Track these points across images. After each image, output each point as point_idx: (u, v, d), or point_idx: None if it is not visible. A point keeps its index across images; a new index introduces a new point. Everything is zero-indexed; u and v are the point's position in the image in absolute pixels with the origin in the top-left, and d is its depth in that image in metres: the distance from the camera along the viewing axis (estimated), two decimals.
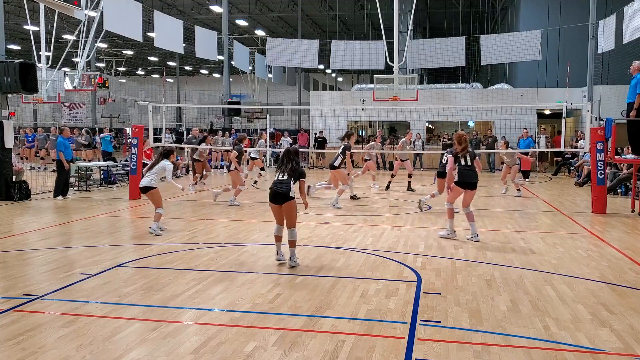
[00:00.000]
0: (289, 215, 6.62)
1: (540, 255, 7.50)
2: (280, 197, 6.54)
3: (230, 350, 4.17)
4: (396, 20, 16.79)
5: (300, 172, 6.69)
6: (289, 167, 6.66)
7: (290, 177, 6.60)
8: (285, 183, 6.56)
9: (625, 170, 14.45)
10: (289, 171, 6.63)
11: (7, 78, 12.41)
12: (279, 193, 6.54)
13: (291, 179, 6.59)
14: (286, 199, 6.52)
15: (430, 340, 4.40)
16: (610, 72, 24.79)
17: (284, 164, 6.74)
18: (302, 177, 6.72)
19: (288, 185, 6.54)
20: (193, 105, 40.26)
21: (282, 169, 6.71)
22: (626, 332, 4.61)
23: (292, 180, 6.59)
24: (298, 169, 6.69)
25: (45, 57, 20.77)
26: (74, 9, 12.97)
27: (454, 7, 33.19)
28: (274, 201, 6.62)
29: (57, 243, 8.15)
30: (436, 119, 27.37)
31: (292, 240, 6.61)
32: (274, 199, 6.60)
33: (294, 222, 6.64)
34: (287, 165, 6.69)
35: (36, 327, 4.60)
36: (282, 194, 6.52)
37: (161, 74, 56.07)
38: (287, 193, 6.51)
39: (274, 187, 6.61)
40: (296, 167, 6.67)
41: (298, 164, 6.73)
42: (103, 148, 20.89)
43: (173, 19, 23.84)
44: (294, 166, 6.66)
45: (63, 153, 12.88)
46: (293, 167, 6.65)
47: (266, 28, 41.32)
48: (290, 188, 6.53)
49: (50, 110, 34.94)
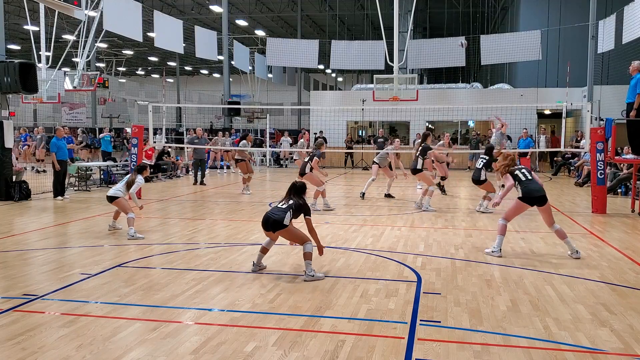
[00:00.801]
0: (293, 239, 6.31)
1: (540, 255, 7.50)
2: (270, 224, 6.12)
3: (230, 350, 4.17)
4: (396, 20, 16.80)
5: (306, 210, 6.27)
6: (292, 202, 6.27)
7: (290, 209, 6.17)
8: (281, 211, 6.15)
9: (625, 170, 14.46)
10: (290, 205, 6.23)
11: (7, 78, 12.41)
12: (269, 218, 6.14)
13: (290, 210, 6.16)
14: (277, 227, 6.09)
15: (430, 340, 4.40)
16: (610, 72, 24.80)
17: (287, 197, 6.37)
18: (308, 215, 6.25)
19: (283, 214, 6.10)
20: (193, 105, 40.32)
21: (285, 200, 6.36)
22: (626, 332, 4.61)
23: (290, 212, 6.15)
24: (304, 205, 6.28)
25: (45, 57, 20.76)
26: (74, 9, 12.97)
27: (454, 7, 33.21)
28: (264, 227, 6.22)
29: (57, 243, 8.15)
30: (436, 119, 27.39)
31: (305, 252, 6.13)
32: (265, 225, 6.19)
33: (303, 239, 6.18)
34: (290, 199, 6.31)
35: (36, 327, 4.60)
36: (273, 221, 6.09)
37: (161, 74, 56.09)
38: (280, 221, 6.07)
39: (268, 213, 6.26)
40: (300, 204, 6.26)
41: (303, 201, 6.33)
42: (103, 148, 20.89)
43: (173, 19, 23.84)
44: (297, 202, 6.27)
45: (56, 154, 12.86)
46: (296, 202, 6.26)
47: (266, 28, 41.33)
48: (284, 217, 6.08)
49: (50, 110, 34.95)
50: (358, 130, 30.81)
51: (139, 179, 8.86)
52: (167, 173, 19.01)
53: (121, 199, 8.70)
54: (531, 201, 7.26)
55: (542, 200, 7.22)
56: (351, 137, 27.26)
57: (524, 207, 7.36)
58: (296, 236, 6.26)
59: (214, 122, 42.38)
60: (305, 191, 6.46)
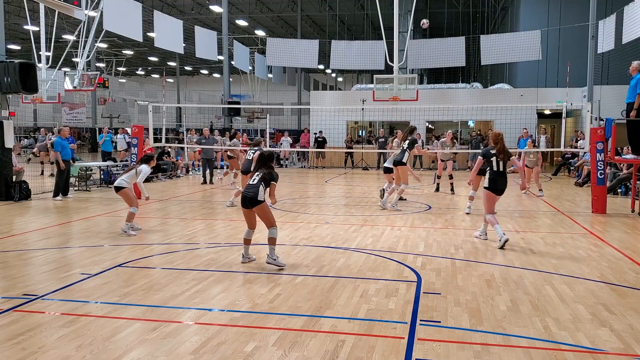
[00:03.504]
0: (263, 218, 6.61)
1: (540, 255, 7.50)
2: (248, 201, 6.52)
3: (230, 350, 4.17)
4: (396, 20, 16.79)
5: (272, 177, 6.63)
6: (261, 173, 6.65)
7: (261, 182, 6.56)
8: (254, 187, 6.53)
9: (625, 170, 14.45)
10: (260, 177, 6.61)
11: (7, 78, 12.41)
12: (246, 197, 6.53)
13: (261, 183, 6.56)
14: (254, 203, 6.50)
15: (430, 340, 4.40)
16: (610, 72, 24.80)
17: (256, 168, 6.77)
18: (273, 181, 6.66)
19: (257, 190, 6.50)
20: (193, 105, 40.31)
21: (253, 173, 6.74)
22: (626, 332, 4.61)
23: (262, 185, 6.55)
24: (270, 173, 6.63)
25: (45, 57, 20.75)
26: (74, 9, 12.96)
27: (454, 7, 33.19)
28: (243, 205, 6.63)
29: (57, 243, 8.15)
30: (436, 119, 27.39)
31: (270, 237, 6.56)
32: (243, 203, 6.60)
33: (271, 222, 6.61)
34: (259, 171, 6.69)
35: (36, 327, 4.60)
36: (249, 198, 6.49)
37: (161, 74, 56.07)
38: (255, 197, 6.47)
39: (243, 192, 6.63)
40: (267, 173, 6.62)
41: (271, 169, 6.71)
42: (103, 148, 20.89)
43: (173, 19, 23.83)
44: (265, 172, 6.63)
45: (60, 153, 12.88)
46: (265, 172, 6.62)
47: (266, 28, 41.32)
48: (258, 192, 6.48)
49: (50, 110, 34.94)
50: (358, 131, 30.82)
51: (145, 168, 8.85)
52: (167, 173, 19.02)
53: (127, 190, 8.73)
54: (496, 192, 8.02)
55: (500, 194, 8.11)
56: (351, 137, 27.28)
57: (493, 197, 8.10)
58: (266, 217, 6.61)
59: (214, 122, 42.38)
60: (272, 159, 6.92)
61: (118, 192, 8.80)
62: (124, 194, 8.74)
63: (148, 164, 9.00)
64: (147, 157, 9.21)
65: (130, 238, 8.39)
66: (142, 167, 8.87)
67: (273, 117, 34.44)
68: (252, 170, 6.87)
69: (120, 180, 8.84)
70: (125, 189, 8.72)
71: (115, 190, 8.84)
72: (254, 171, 6.82)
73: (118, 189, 8.77)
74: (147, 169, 8.93)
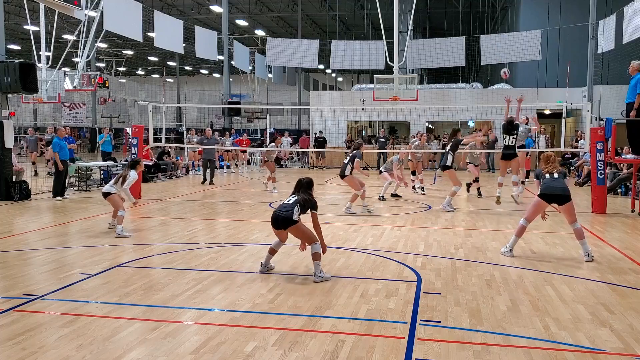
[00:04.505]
0: (301, 237, 6.27)
1: (540, 255, 7.50)
2: (280, 221, 6.15)
3: (230, 350, 4.17)
4: (396, 20, 16.79)
5: (311, 204, 6.27)
6: (298, 196, 6.31)
7: (296, 204, 6.19)
8: (289, 207, 6.16)
9: (625, 170, 14.45)
10: (296, 199, 6.26)
11: (7, 78, 12.41)
12: (278, 216, 6.17)
13: (297, 204, 6.18)
14: (287, 224, 6.12)
15: (430, 340, 4.40)
16: (610, 72, 24.79)
17: (294, 193, 6.42)
18: (314, 209, 6.28)
19: (291, 210, 6.12)
20: (193, 105, 40.29)
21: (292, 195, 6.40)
22: (626, 332, 4.61)
23: (297, 206, 6.17)
24: (310, 200, 6.29)
25: (45, 57, 20.75)
26: (74, 9, 12.96)
27: (454, 7, 33.19)
28: (274, 225, 6.25)
29: (57, 243, 8.15)
30: (436, 119, 27.39)
31: (314, 253, 6.13)
32: (275, 223, 6.22)
33: (312, 238, 6.20)
34: (297, 195, 6.35)
35: (36, 327, 4.60)
36: (282, 218, 6.12)
37: (161, 74, 56.13)
38: (289, 217, 6.09)
39: (275, 211, 6.30)
40: (305, 199, 6.27)
41: (310, 196, 6.37)
42: (102, 148, 20.86)
43: (173, 19, 23.83)
44: (303, 197, 6.29)
45: (58, 154, 12.87)
46: (301, 197, 6.28)
47: (266, 28, 41.32)
48: (292, 212, 6.10)
49: (50, 110, 34.94)
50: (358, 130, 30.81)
51: (132, 174, 8.86)
52: (167, 173, 19.02)
53: (114, 195, 8.79)
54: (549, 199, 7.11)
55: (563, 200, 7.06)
56: (351, 137, 27.27)
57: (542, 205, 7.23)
58: (304, 234, 6.22)
59: (214, 122, 42.39)
60: (312, 187, 6.48)
61: (106, 198, 8.85)
62: (111, 200, 8.78)
63: (135, 169, 9.00)
64: (134, 162, 9.23)
65: (130, 238, 8.39)
66: (131, 173, 8.86)
67: (273, 117, 34.44)
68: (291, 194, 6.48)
69: (109, 186, 8.90)
70: (112, 195, 8.77)
71: (104, 196, 8.89)
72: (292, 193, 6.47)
73: (106, 194, 8.83)
74: (135, 175, 8.92)
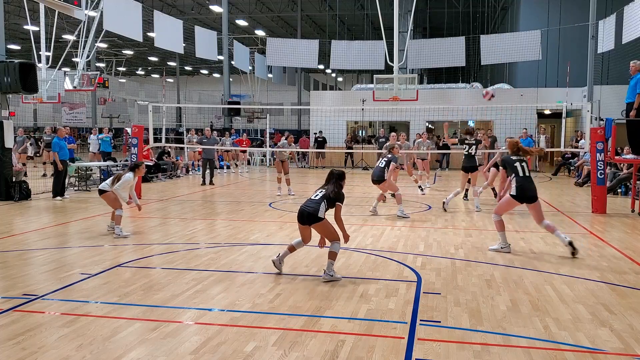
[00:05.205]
0: (325, 234, 6.21)
1: (540, 255, 7.51)
2: (305, 217, 6.11)
3: (230, 350, 4.17)
4: (396, 20, 16.80)
5: (337, 197, 6.16)
6: (326, 190, 6.21)
7: (324, 199, 6.12)
8: (316, 203, 6.10)
9: (625, 170, 14.46)
10: (323, 194, 6.17)
11: (7, 78, 12.41)
12: (304, 211, 6.13)
13: (324, 200, 6.11)
14: (313, 220, 6.07)
15: (430, 340, 4.40)
16: (610, 72, 24.80)
17: (325, 185, 6.32)
18: (339, 201, 6.17)
19: (318, 206, 6.06)
20: (193, 105, 40.30)
21: (320, 189, 6.30)
22: (626, 332, 4.61)
23: (324, 202, 6.10)
24: (338, 193, 6.19)
25: (45, 57, 20.74)
26: (74, 9, 12.96)
27: (454, 7, 33.19)
28: (300, 220, 6.21)
29: (57, 243, 8.15)
30: (436, 119, 27.33)
31: (331, 251, 6.13)
32: (301, 218, 6.19)
33: (334, 236, 6.17)
34: (326, 187, 6.26)
35: (36, 327, 4.60)
36: (308, 214, 6.07)
37: (161, 74, 56.09)
38: (315, 213, 6.03)
39: (302, 206, 6.23)
40: (334, 192, 6.17)
41: (340, 188, 6.25)
42: (102, 148, 20.86)
43: (173, 19, 23.83)
44: (332, 190, 6.18)
45: (58, 154, 12.86)
46: (331, 191, 6.17)
47: (266, 28, 41.32)
48: (319, 209, 6.04)
49: (50, 110, 34.95)
50: (358, 130, 30.80)
51: (127, 176, 8.69)
52: (167, 173, 19.02)
53: (109, 193, 8.69)
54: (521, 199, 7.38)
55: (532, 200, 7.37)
56: (351, 137, 27.28)
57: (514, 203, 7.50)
58: (328, 232, 6.18)
59: (214, 122, 42.39)
60: (343, 179, 6.38)
61: (101, 195, 8.79)
62: (106, 198, 8.72)
63: (134, 173, 8.86)
64: (135, 165, 9.12)
65: (130, 238, 8.39)
66: (126, 175, 8.73)
67: (273, 117, 34.42)
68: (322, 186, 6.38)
69: (104, 184, 8.83)
70: (107, 193, 8.70)
71: (99, 193, 8.85)
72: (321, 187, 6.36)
73: (101, 192, 8.78)
74: (130, 176, 8.73)
